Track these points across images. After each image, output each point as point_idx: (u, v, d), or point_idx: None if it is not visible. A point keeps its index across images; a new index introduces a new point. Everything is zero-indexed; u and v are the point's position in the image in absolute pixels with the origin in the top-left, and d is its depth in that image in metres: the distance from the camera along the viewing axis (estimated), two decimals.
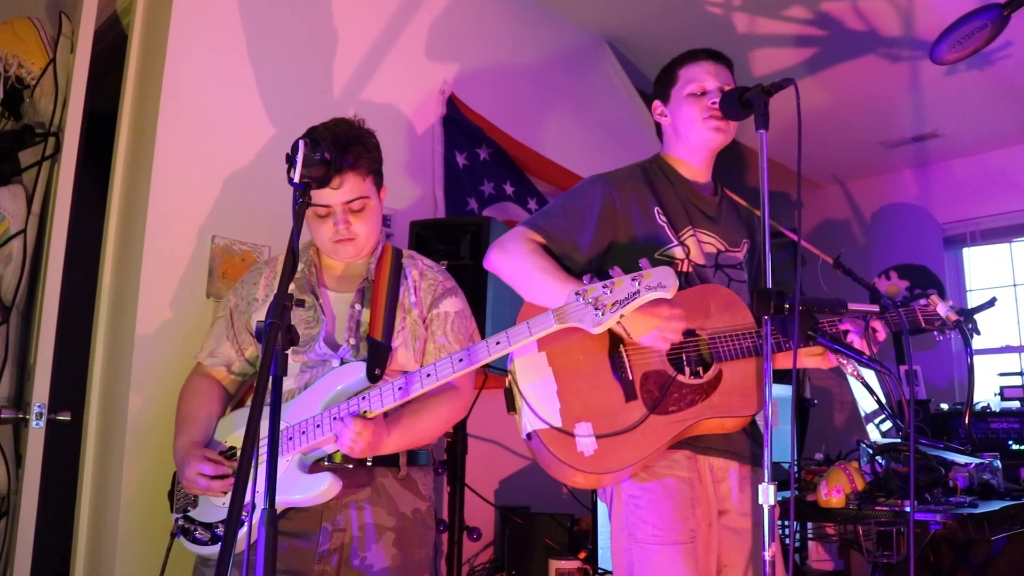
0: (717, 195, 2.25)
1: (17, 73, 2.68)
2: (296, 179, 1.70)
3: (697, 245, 2.12)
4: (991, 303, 2.08)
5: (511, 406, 2.00)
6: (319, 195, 2.02)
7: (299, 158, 1.70)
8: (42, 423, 2.39)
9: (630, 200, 2.11)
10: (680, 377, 1.96)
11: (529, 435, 1.94)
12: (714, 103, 2.09)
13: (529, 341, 1.88)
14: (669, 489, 1.95)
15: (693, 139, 2.16)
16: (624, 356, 1.98)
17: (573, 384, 1.95)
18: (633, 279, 1.82)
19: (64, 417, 2.45)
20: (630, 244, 2.08)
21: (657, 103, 2.26)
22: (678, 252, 2.09)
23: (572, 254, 2.06)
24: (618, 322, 1.84)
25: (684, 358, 1.99)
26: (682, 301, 1.97)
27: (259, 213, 2.90)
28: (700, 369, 1.99)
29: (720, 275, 2.14)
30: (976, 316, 2.03)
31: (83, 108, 2.60)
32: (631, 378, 1.96)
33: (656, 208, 2.12)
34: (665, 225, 2.10)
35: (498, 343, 1.89)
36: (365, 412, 1.90)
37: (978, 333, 2.01)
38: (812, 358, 2.12)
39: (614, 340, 1.99)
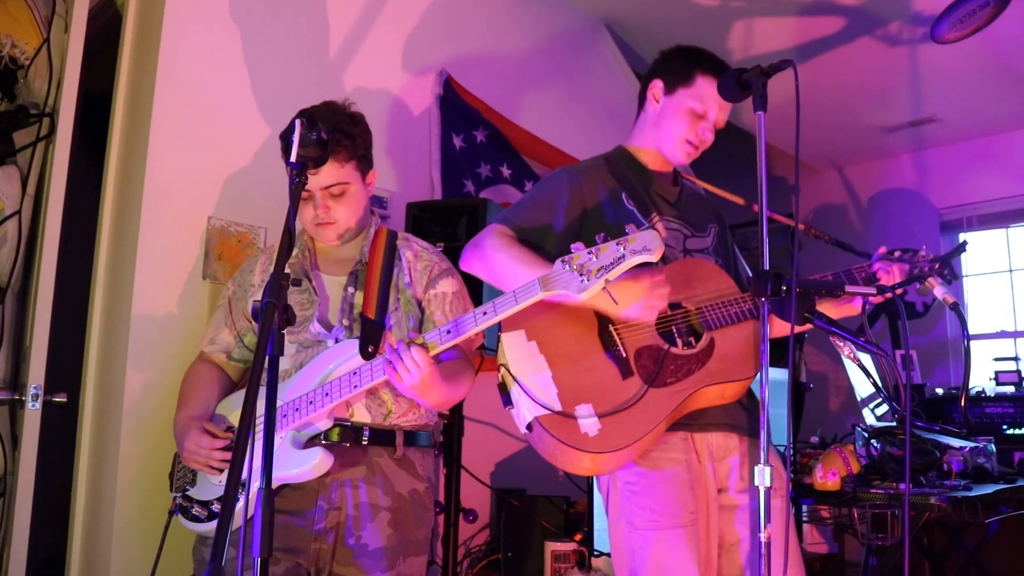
0: (677, 185, 2.27)
1: (11, 53, 2.66)
2: (292, 159, 1.69)
3: (664, 231, 2.14)
4: (962, 248, 2.06)
5: (507, 400, 1.97)
6: None
7: (295, 138, 1.68)
8: (38, 404, 2.40)
9: (597, 188, 2.13)
10: (673, 349, 1.96)
11: (529, 425, 1.90)
12: (704, 129, 2.14)
13: (516, 310, 1.85)
14: (664, 473, 1.94)
15: (663, 145, 2.19)
16: (615, 334, 1.97)
17: (567, 368, 1.94)
18: (618, 244, 1.80)
19: (60, 398, 2.46)
20: (600, 230, 2.07)
21: (661, 84, 2.20)
22: None
23: (545, 243, 2.06)
24: (604, 288, 1.80)
25: (674, 331, 1.98)
26: (663, 275, 1.97)
27: (255, 194, 2.89)
28: (692, 340, 1.98)
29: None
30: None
31: (78, 88, 2.59)
32: (625, 355, 1.94)
33: (624, 194, 2.14)
34: (635, 210, 2.12)
35: (485, 313, 1.87)
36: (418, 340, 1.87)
37: (956, 278, 2.00)
38: (843, 306, 2.05)
39: (602, 321, 1.98)
